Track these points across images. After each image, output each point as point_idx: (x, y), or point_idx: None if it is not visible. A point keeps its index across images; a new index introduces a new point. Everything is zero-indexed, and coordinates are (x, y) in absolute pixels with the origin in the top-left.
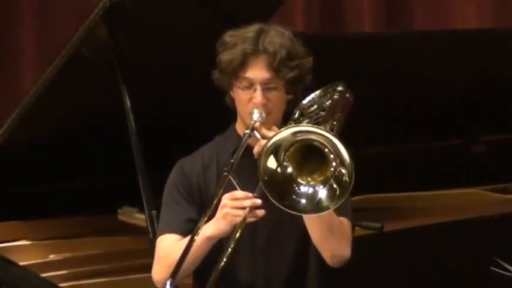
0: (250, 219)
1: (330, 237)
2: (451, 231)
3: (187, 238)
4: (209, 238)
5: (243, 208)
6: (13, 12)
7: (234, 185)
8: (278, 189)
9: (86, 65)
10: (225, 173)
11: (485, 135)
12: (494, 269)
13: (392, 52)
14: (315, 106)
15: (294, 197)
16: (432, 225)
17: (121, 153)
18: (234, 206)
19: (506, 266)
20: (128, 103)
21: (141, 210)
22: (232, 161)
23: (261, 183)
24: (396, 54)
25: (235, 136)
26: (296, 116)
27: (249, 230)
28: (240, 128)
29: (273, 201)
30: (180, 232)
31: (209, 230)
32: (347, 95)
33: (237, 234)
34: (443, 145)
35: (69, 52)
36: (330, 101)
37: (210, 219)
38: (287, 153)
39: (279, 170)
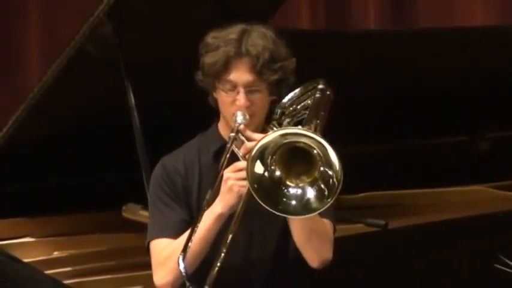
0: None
1: (312, 239)
2: (456, 228)
3: (187, 233)
4: (219, 216)
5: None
6: (18, 9)
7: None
8: (267, 193)
9: (91, 61)
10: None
11: (491, 132)
12: (499, 266)
13: (398, 49)
14: (297, 105)
15: (284, 199)
16: (436, 223)
17: (125, 150)
18: (239, 177)
19: (511, 263)
20: (133, 100)
21: (146, 207)
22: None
23: (251, 190)
24: (402, 51)
25: (218, 136)
26: (278, 115)
27: (246, 225)
28: (222, 128)
29: (265, 206)
30: (172, 235)
31: (217, 207)
32: (328, 92)
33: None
34: (448, 142)
35: (74, 49)
36: (312, 100)
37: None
38: (274, 157)
39: (266, 174)
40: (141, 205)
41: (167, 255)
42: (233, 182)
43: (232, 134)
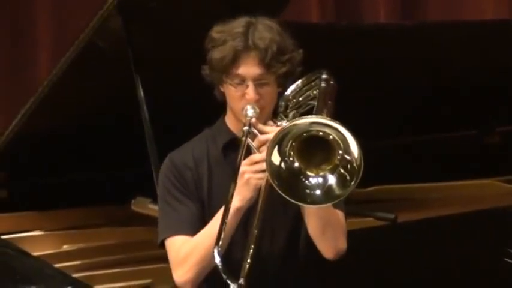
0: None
1: (327, 230)
2: (465, 222)
3: (205, 230)
4: (238, 210)
5: (263, 171)
6: (28, 3)
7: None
8: (289, 186)
9: (100, 55)
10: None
11: (500, 126)
12: (508, 260)
13: (407, 43)
14: (300, 96)
15: (307, 190)
16: (446, 216)
17: (135, 144)
18: (255, 170)
19: None
20: (142, 94)
21: (155, 200)
22: (238, 159)
23: (274, 186)
24: (411, 45)
25: (226, 129)
26: (282, 108)
27: (242, 218)
28: (230, 121)
29: (290, 199)
30: (188, 232)
31: (235, 201)
32: (331, 82)
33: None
34: (457, 136)
35: (83, 43)
36: (318, 90)
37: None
38: (292, 148)
39: (284, 166)
40: (150, 199)
41: (187, 252)
42: (250, 175)
43: (246, 128)
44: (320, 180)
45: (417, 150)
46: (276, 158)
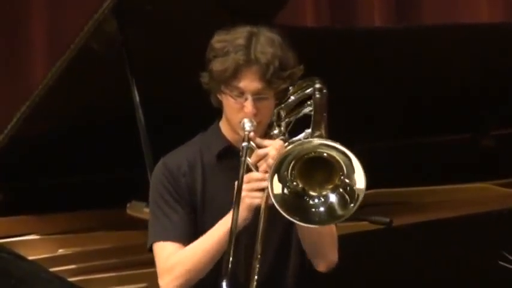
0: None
1: (320, 243)
2: (460, 225)
3: (198, 242)
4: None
5: (261, 190)
6: (23, 6)
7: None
8: (294, 208)
9: (96, 58)
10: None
11: (495, 129)
12: (503, 263)
13: (401, 46)
14: (293, 104)
15: (313, 209)
16: (441, 220)
17: (130, 148)
18: (251, 189)
19: None
20: (137, 97)
21: None
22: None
23: (278, 209)
24: (405, 49)
25: (221, 137)
26: (275, 116)
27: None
28: (225, 128)
29: (295, 221)
30: (178, 239)
31: (229, 220)
32: (324, 91)
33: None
34: (452, 139)
35: (79, 46)
36: (313, 102)
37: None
38: (293, 170)
39: (286, 190)
40: (145, 203)
41: (176, 261)
42: (245, 194)
43: (245, 144)
44: (323, 199)
45: (412, 153)
46: (277, 185)
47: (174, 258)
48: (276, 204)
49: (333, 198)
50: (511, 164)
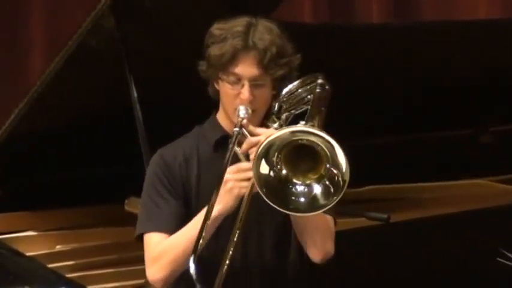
0: (257, 190)
1: (315, 234)
2: (458, 222)
3: (182, 231)
4: (216, 218)
5: (248, 179)
6: (21, 3)
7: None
8: (275, 193)
9: (93, 55)
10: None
11: (494, 125)
12: (501, 260)
13: (400, 42)
14: (294, 99)
15: (293, 197)
16: (439, 216)
17: (128, 144)
18: (239, 179)
19: None
20: (135, 93)
21: None
22: (224, 165)
23: (261, 193)
24: (404, 45)
25: (218, 126)
26: (276, 109)
27: (229, 218)
28: (222, 118)
29: (275, 206)
30: (168, 230)
31: (215, 209)
32: (327, 87)
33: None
34: (451, 135)
35: (77, 42)
36: (313, 95)
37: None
38: (279, 155)
39: (272, 173)
40: None
41: (161, 250)
42: (233, 184)
43: (236, 129)
44: (306, 189)
45: (409, 149)
46: (264, 166)
47: (159, 248)
48: (256, 184)
49: (316, 188)
50: (509, 161)
